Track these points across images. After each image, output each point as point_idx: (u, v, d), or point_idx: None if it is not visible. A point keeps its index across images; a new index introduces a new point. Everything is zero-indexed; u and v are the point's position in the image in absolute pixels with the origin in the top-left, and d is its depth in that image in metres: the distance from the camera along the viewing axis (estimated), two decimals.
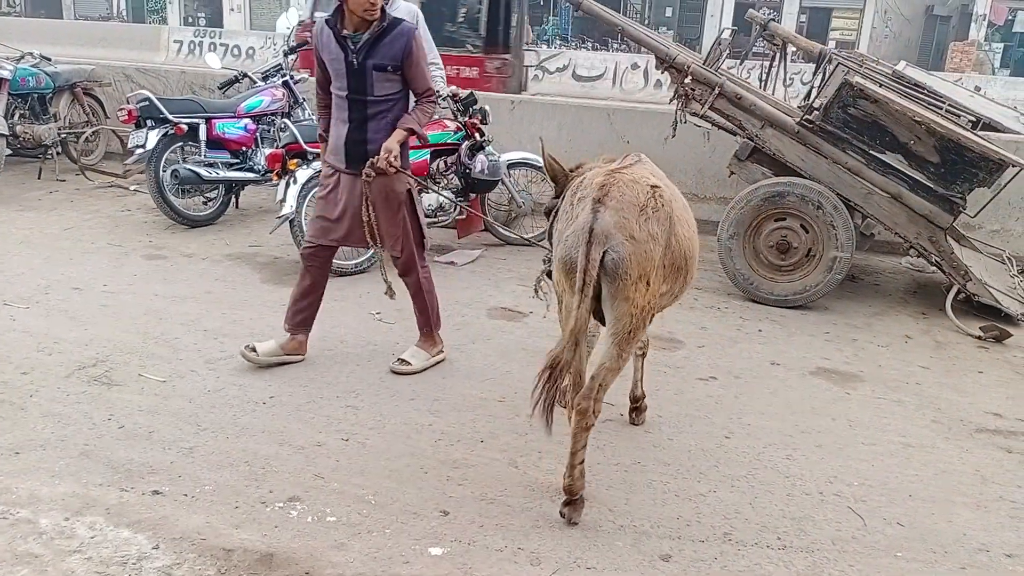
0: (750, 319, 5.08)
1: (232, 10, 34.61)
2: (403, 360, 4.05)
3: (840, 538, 2.94)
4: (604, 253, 2.72)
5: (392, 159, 3.72)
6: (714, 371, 4.28)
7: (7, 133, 6.94)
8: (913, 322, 5.25)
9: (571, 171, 3.41)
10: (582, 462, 2.91)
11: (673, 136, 5.76)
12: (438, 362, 4.13)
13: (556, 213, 3.35)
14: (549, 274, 3.30)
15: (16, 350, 4.01)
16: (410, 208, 3.98)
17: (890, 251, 6.59)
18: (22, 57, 7.78)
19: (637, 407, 3.69)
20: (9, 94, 7.19)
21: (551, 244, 3.37)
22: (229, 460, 3.19)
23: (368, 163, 3.74)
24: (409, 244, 3.99)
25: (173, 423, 3.43)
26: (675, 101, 5.62)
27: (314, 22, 6.70)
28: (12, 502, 2.87)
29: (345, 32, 3.68)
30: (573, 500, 2.92)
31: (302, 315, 4.06)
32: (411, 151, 4.57)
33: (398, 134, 3.78)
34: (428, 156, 5.75)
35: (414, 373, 4.00)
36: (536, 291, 3.61)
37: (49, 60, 7.98)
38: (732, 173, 5.80)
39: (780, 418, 3.82)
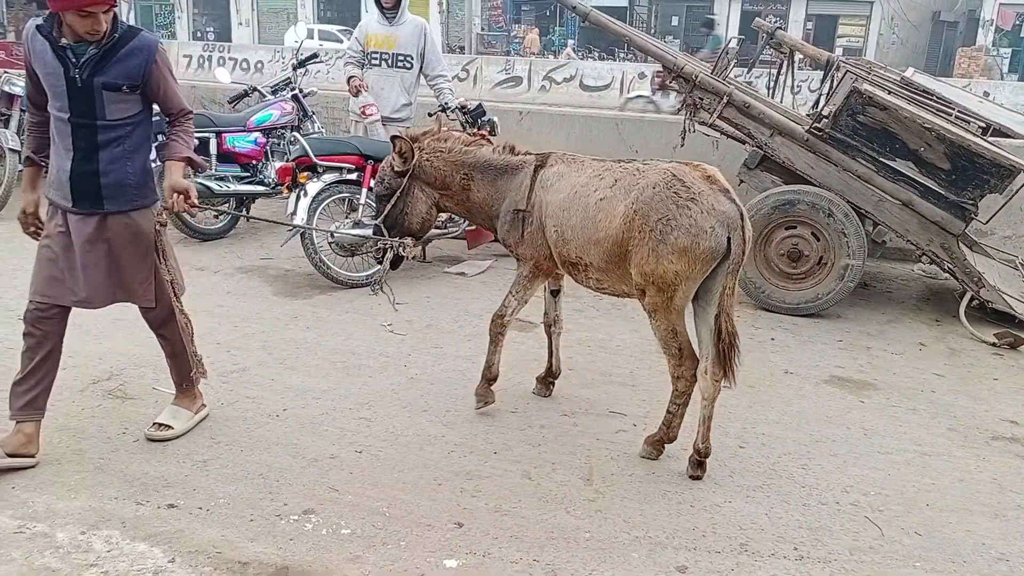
0: (762, 328, 5.07)
1: (240, 24, 34.88)
2: (161, 424, 3.41)
3: (858, 548, 2.92)
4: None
5: (188, 200, 3.17)
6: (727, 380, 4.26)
7: (19, 149, 6.99)
8: (927, 329, 5.23)
9: (416, 142, 3.64)
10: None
11: (682, 145, 5.76)
12: (202, 419, 3.55)
13: (406, 196, 3.66)
14: (393, 264, 3.70)
15: None
16: (161, 249, 3.28)
17: (902, 258, 6.57)
18: None
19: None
20: (21, 110, 7.25)
21: (387, 231, 3.71)
22: (243, 473, 3.19)
23: (160, 206, 3.25)
24: (165, 291, 3.31)
25: (187, 436, 3.44)
26: (683, 111, 5.63)
27: None
28: (29, 516, 2.88)
29: (64, 42, 2.96)
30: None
31: (32, 393, 3.18)
32: None
33: (177, 167, 3.19)
34: None
35: (176, 438, 3.40)
36: (382, 288, 3.75)
37: None
38: (742, 182, 5.79)
39: (795, 427, 3.80)
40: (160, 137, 6.04)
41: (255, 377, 4.00)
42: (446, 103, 5.97)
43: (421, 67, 6.18)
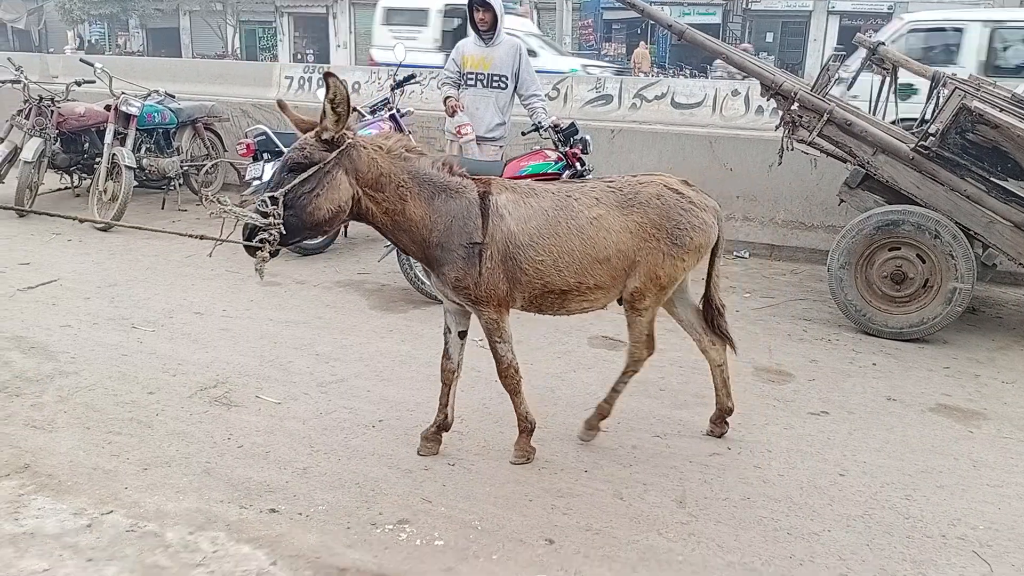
0: (863, 352, 4.91)
1: (339, 46, 36.08)
2: None
3: None
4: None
5: None
6: (826, 405, 4.15)
7: (135, 166, 7.41)
8: None
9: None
10: None
11: (780, 163, 5.66)
12: None
13: (325, 176, 2.98)
14: (274, 252, 3.05)
15: (143, 370, 4.25)
16: None
17: (1014, 282, 6.27)
18: (149, 94, 8.29)
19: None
20: (137, 129, 7.68)
21: (282, 208, 2.96)
22: (341, 481, 3.28)
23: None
24: None
25: (288, 444, 3.56)
26: (781, 128, 5.53)
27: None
28: (140, 515, 3.02)
29: None
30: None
31: None
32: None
33: None
34: None
35: None
36: (260, 274, 3.16)
37: (173, 97, 8.49)
38: (842, 201, 5.64)
39: (898, 456, 3.66)
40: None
41: (352, 388, 4.11)
42: (540, 122, 6.03)
43: (516, 87, 6.26)
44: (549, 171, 5.92)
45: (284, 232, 3.00)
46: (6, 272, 5.74)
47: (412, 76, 7.35)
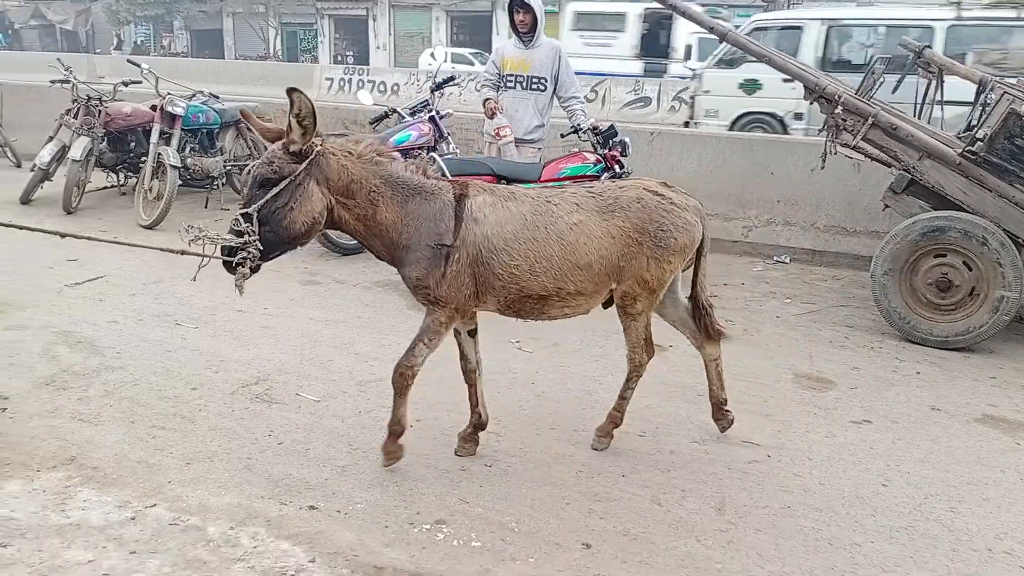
0: (907, 360, 4.82)
1: (378, 48, 36.38)
2: None
3: None
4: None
5: None
6: (868, 414, 4.08)
7: (179, 165, 7.53)
8: None
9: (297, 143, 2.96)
10: None
11: (822, 167, 5.59)
12: None
13: (297, 188, 2.94)
14: (254, 268, 3.06)
15: (186, 366, 4.32)
16: None
17: None
18: (193, 95, 8.43)
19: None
20: (181, 129, 7.82)
21: (257, 225, 2.97)
22: (379, 480, 3.30)
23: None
24: None
25: (327, 441, 3.60)
26: (824, 132, 5.46)
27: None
28: (183, 509, 3.07)
29: None
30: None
31: None
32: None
33: None
34: None
35: None
36: (240, 290, 3.16)
37: (217, 98, 8.63)
38: (887, 206, 5.55)
39: (942, 467, 3.59)
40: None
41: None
42: (579, 124, 6.02)
43: (555, 89, 6.26)
44: (588, 173, 5.91)
45: (262, 248, 3.01)
46: (54, 268, 5.87)
47: (452, 78, 7.39)
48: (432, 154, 6.41)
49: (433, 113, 7.02)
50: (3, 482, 3.19)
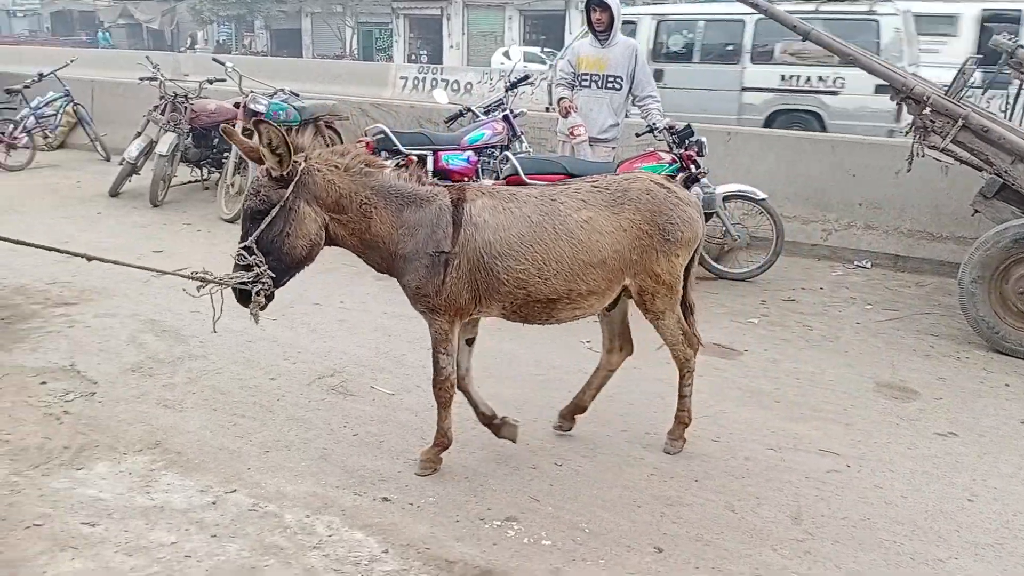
0: (995, 372, 4.62)
1: (451, 47, 36.72)
2: None
3: None
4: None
5: None
6: (954, 426, 3.93)
7: None
8: None
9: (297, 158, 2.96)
10: None
11: (908, 170, 5.41)
12: None
13: (289, 213, 2.92)
14: (269, 296, 3.08)
15: (265, 357, 4.43)
16: None
17: None
18: (275, 93, 8.64)
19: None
20: None
21: (262, 257, 2.98)
22: (451, 474, 3.33)
23: None
24: None
25: (400, 434, 3.65)
26: (912, 133, 5.28)
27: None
28: (262, 496, 3.16)
29: None
30: None
31: None
32: None
33: None
34: None
35: None
36: (256, 318, 3.17)
37: (297, 96, 8.81)
38: (976, 212, 5.34)
39: None
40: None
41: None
42: (654, 123, 5.96)
43: (631, 88, 6.20)
44: (663, 173, 5.85)
45: (274, 276, 3.03)
46: (141, 259, 6.07)
47: (526, 77, 7.40)
48: (506, 152, 6.43)
49: (507, 112, 7.04)
50: (92, 464, 3.34)
